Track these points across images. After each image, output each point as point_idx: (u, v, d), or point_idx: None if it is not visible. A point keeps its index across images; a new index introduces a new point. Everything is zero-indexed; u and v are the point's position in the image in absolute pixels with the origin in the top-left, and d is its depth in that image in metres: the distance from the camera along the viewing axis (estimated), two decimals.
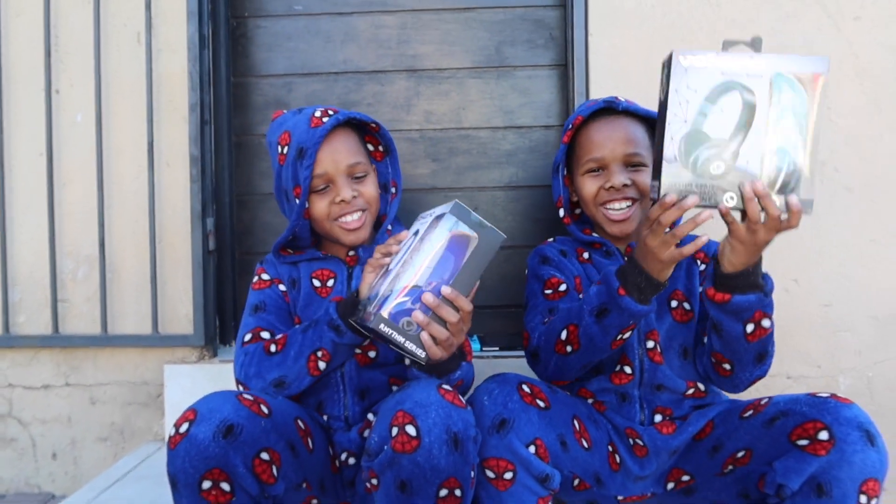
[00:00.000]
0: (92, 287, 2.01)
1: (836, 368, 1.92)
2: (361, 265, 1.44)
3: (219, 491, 1.11)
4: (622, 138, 1.41)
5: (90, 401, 2.02)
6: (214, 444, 1.09)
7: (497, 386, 1.22)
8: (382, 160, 1.54)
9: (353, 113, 1.43)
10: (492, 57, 2.07)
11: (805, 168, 1.12)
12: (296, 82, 2.09)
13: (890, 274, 1.91)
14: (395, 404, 1.12)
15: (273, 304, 1.43)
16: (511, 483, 1.17)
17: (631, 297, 1.19)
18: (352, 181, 1.40)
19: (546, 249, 1.51)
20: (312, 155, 1.34)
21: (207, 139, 2.00)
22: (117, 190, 2.01)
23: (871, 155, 1.90)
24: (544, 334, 1.33)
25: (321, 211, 1.40)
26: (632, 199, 1.41)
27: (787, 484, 1.16)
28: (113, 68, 2.00)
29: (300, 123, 1.38)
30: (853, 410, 1.16)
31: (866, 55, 1.90)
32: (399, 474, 1.09)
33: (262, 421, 1.17)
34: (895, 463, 1.88)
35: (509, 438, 1.16)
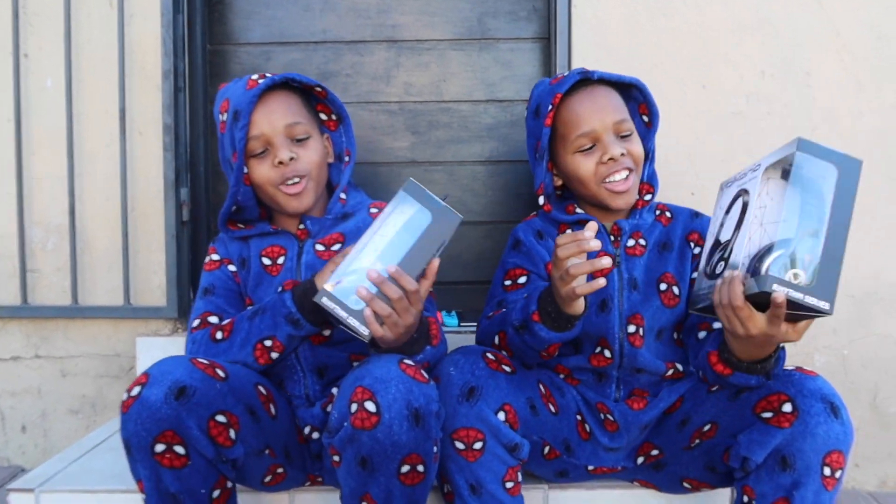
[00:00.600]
0: (62, 257, 1.97)
1: (812, 346, 1.93)
2: (313, 239, 1.38)
3: (173, 454, 1.09)
4: (608, 107, 1.35)
5: (61, 373, 1.99)
6: (166, 406, 1.07)
7: (462, 356, 1.22)
8: (336, 129, 1.47)
9: (292, 74, 1.37)
10: (473, 28, 2.03)
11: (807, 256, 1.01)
12: (274, 51, 2.05)
13: (868, 253, 1.91)
14: (354, 380, 1.10)
15: (222, 287, 1.39)
16: (481, 453, 1.16)
17: (543, 324, 1.18)
18: (291, 143, 1.34)
19: (521, 231, 1.46)
20: (247, 116, 1.29)
21: (182, 107, 1.95)
22: (88, 158, 1.96)
23: (851, 132, 1.90)
24: (486, 330, 1.34)
25: (261, 176, 1.33)
26: (628, 168, 1.34)
27: (751, 457, 1.15)
28: (84, 32, 1.95)
29: (238, 89, 1.33)
30: (817, 382, 1.15)
31: (848, 33, 1.89)
32: (359, 451, 1.09)
33: (217, 383, 1.14)
34: (866, 439, 1.91)
35: (479, 406, 1.15)
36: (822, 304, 1.00)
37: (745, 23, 1.90)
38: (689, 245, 1.40)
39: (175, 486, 1.11)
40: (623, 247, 1.38)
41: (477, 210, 2.06)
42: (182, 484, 1.11)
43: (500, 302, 1.38)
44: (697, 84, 1.91)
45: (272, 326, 1.25)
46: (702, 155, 1.91)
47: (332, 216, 1.40)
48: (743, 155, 1.91)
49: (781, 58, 1.90)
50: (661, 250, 1.39)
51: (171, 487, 1.11)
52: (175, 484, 1.11)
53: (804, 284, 1.00)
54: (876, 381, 1.92)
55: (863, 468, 1.93)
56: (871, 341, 1.92)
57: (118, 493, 1.43)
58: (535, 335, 1.19)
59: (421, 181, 2.02)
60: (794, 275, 1.01)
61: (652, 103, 1.41)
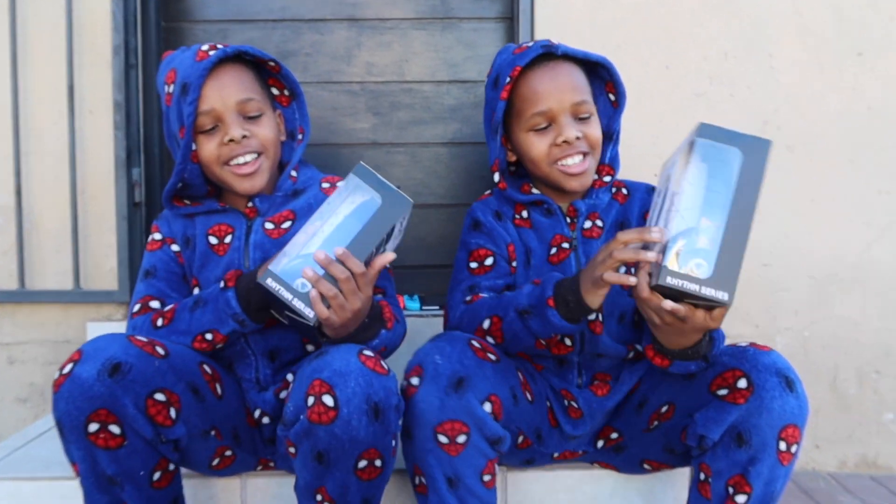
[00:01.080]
0: (8, 239, 1.89)
1: (774, 328, 1.93)
2: (262, 217, 1.31)
3: (108, 434, 1.04)
4: (568, 86, 1.27)
5: (8, 360, 1.92)
6: (99, 383, 1.02)
7: (447, 343, 1.15)
8: (289, 105, 1.40)
9: (245, 46, 1.28)
10: (437, 8, 2.00)
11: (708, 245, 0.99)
12: (231, 29, 1.99)
13: (828, 234, 1.92)
14: (311, 372, 1.06)
15: (164, 269, 1.32)
16: (464, 447, 1.11)
17: (557, 309, 1.14)
18: (244, 120, 1.25)
19: (479, 211, 1.39)
20: (196, 90, 1.21)
21: (133, 85, 1.89)
22: (35, 137, 1.89)
23: (813, 114, 1.91)
24: (466, 315, 1.27)
25: (210, 154, 1.25)
26: (583, 152, 1.28)
27: (708, 435, 1.14)
28: (30, 6, 1.87)
29: (186, 60, 1.25)
30: (772, 357, 1.14)
31: (809, 13, 1.89)
32: (316, 445, 1.05)
33: (155, 361, 1.09)
34: (826, 420, 1.92)
35: (467, 398, 1.10)
36: (719, 294, 0.98)
37: (709, 2, 1.89)
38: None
39: (112, 468, 1.06)
40: (580, 229, 1.34)
41: (440, 192, 2.02)
42: (119, 465, 1.06)
43: (471, 287, 1.32)
44: (661, 64, 1.90)
45: (215, 321, 1.19)
46: (665, 136, 1.90)
47: (282, 193, 1.33)
48: None
49: (744, 38, 1.90)
50: (619, 230, 1.35)
51: (107, 469, 1.06)
52: (112, 466, 1.06)
53: (703, 276, 0.98)
54: (835, 362, 1.93)
55: (822, 449, 1.95)
56: (831, 323, 1.93)
57: (61, 480, 1.37)
58: (547, 321, 1.15)
59: (382, 163, 2.03)
60: (695, 265, 0.99)
61: (619, 82, 1.35)
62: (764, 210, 1.91)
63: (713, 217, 1.00)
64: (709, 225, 1.00)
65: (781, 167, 1.91)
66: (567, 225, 1.34)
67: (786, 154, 1.91)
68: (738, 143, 1.01)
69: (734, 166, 1.01)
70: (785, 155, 1.91)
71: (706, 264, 0.98)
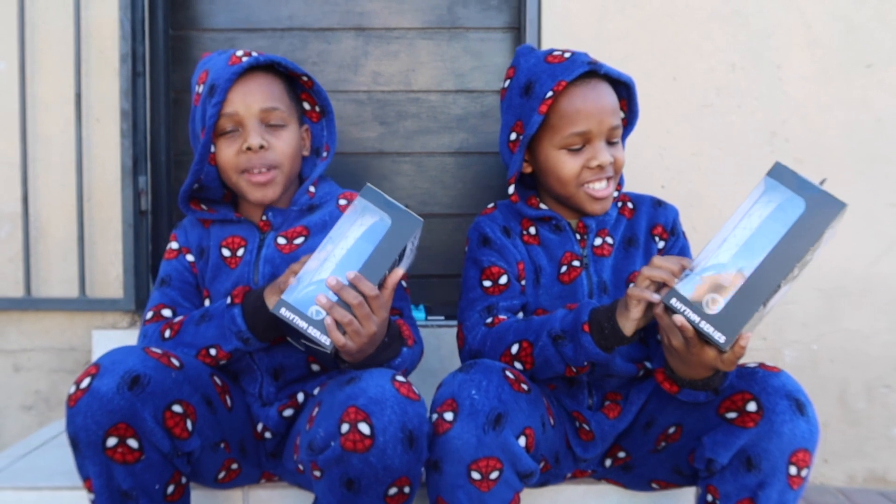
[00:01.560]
0: (15, 247, 1.90)
1: (782, 341, 1.92)
2: (275, 232, 1.30)
3: (125, 448, 1.03)
4: (609, 109, 1.23)
5: (13, 367, 1.92)
6: (119, 397, 1.01)
7: (482, 376, 1.10)
8: (318, 122, 1.38)
9: (279, 57, 1.27)
10: (443, 17, 2.00)
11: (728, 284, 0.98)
12: (238, 38, 2.00)
13: (836, 246, 1.88)
14: (346, 398, 1.03)
15: (178, 278, 1.32)
16: (495, 483, 1.08)
17: (591, 336, 1.12)
18: (265, 129, 1.24)
19: (486, 227, 1.34)
20: (223, 92, 1.21)
21: (140, 93, 1.90)
22: (43, 144, 1.89)
23: (822, 126, 1.89)
24: (489, 339, 1.23)
25: (227, 159, 1.24)
26: (609, 177, 1.25)
27: (716, 458, 1.12)
28: (39, 14, 1.88)
29: (220, 63, 1.25)
30: (781, 379, 1.11)
31: (818, 25, 1.88)
32: (347, 472, 1.02)
33: (172, 372, 1.09)
34: (834, 434, 1.90)
35: (505, 434, 1.06)
36: (716, 334, 0.97)
37: (716, 14, 1.89)
38: (653, 240, 1.33)
39: (127, 483, 1.05)
40: (590, 246, 1.31)
41: (446, 202, 2.02)
42: (135, 480, 1.05)
43: (488, 307, 1.28)
44: (668, 76, 1.89)
45: (219, 337, 1.18)
46: (672, 148, 1.89)
47: (298, 208, 1.32)
48: (713, 148, 1.90)
49: (752, 50, 1.89)
50: (628, 247, 1.33)
51: (123, 484, 1.05)
52: (128, 480, 1.05)
53: (710, 312, 0.97)
54: (844, 376, 1.91)
55: (831, 464, 1.93)
56: (840, 336, 1.91)
57: (64, 490, 1.37)
58: (581, 347, 1.13)
59: (389, 172, 2.03)
60: (710, 299, 0.98)
61: (635, 102, 1.32)
62: None
63: (747, 260, 0.98)
64: (739, 269, 0.98)
65: None
66: (577, 242, 1.31)
67: (794, 166, 1.86)
68: (805, 194, 0.97)
69: (792, 216, 0.97)
70: (793, 167, 1.87)
71: (720, 302, 0.97)
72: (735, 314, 0.97)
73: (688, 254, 1.35)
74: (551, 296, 1.30)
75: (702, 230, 1.75)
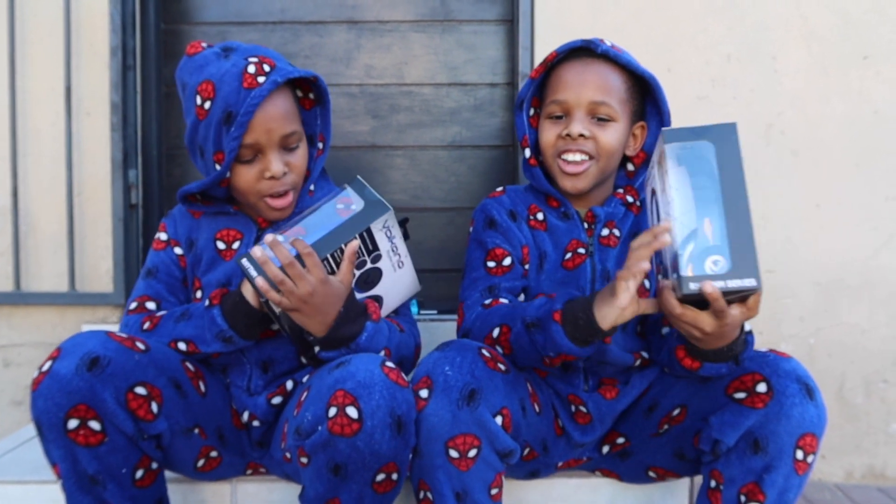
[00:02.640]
0: (5, 241, 1.88)
1: (779, 335, 1.90)
2: (274, 229, 1.25)
3: (88, 430, 1.02)
4: (592, 83, 1.24)
5: (3, 362, 1.90)
6: (78, 378, 1.00)
7: (457, 353, 1.10)
8: (311, 109, 1.32)
9: (294, 72, 1.19)
10: (436, 10, 1.99)
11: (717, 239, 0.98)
12: (230, 31, 1.99)
13: (833, 240, 1.89)
14: (334, 382, 1.02)
15: (165, 271, 1.30)
16: (474, 461, 1.07)
17: (564, 327, 1.09)
18: (283, 152, 1.21)
19: (493, 209, 1.34)
20: (243, 126, 1.14)
21: (131, 86, 1.89)
22: (33, 138, 1.88)
23: (818, 118, 1.88)
24: (479, 320, 1.22)
25: (247, 184, 1.20)
26: (588, 154, 1.24)
27: (723, 439, 1.11)
28: (28, 6, 1.87)
29: (228, 78, 1.15)
30: (792, 364, 1.11)
31: (815, 17, 1.87)
32: (334, 457, 1.01)
33: (135, 355, 1.07)
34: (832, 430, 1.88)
35: (480, 411, 1.06)
36: (746, 282, 0.96)
37: (712, 6, 1.87)
38: None
39: (93, 467, 1.04)
40: (597, 235, 1.30)
41: (439, 196, 2.00)
42: (100, 463, 1.04)
43: (490, 287, 1.27)
44: (663, 68, 1.87)
45: (196, 337, 1.17)
46: None
47: (299, 208, 1.29)
48: None
49: (748, 42, 1.87)
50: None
51: (88, 468, 1.04)
52: (93, 464, 1.04)
53: (723, 271, 0.96)
54: (842, 370, 1.90)
55: (829, 460, 1.91)
56: (838, 330, 1.89)
57: (49, 483, 1.35)
58: (551, 338, 1.10)
59: (381, 166, 2.01)
60: (712, 262, 0.97)
61: (662, 101, 1.30)
62: (768, 215, 1.88)
63: (710, 212, 0.98)
64: (709, 221, 0.98)
65: (786, 172, 1.88)
66: (584, 231, 1.30)
67: (790, 158, 1.88)
68: (705, 136, 1.01)
69: (710, 158, 1.00)
70: (790, 159, 1.88)
71: (722, 259, 0.96)
72: (744, 256, 0.96)
73: None
74: (554, 281, 1.28)
75: None
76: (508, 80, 1.99)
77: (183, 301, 1.31)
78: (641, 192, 1.36)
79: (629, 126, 1.29)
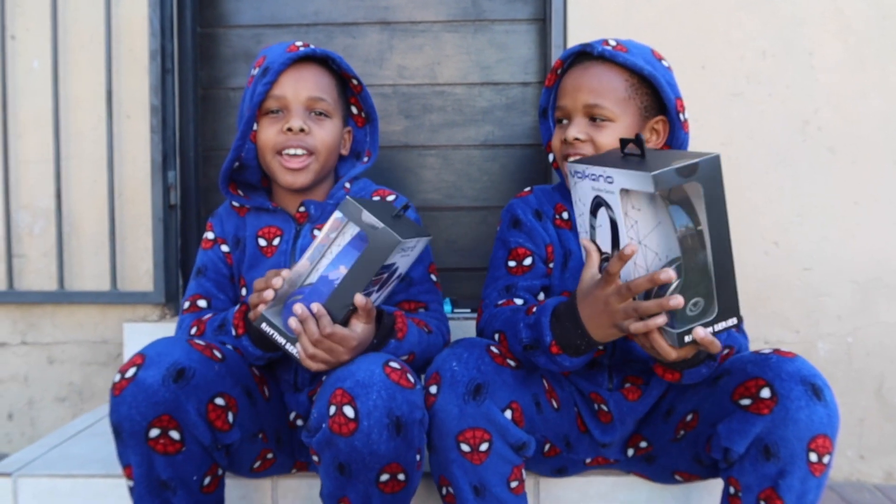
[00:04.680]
0: (49, 242, 1.94)
1: (815, 334, 1.87)
2: (311, 223, 1.32)
3: (167, 439, 1.05)
4: (586, 87, 1.25)
5: (48, 360, 1.96)
6: (164, 389, 1.03)
7: (465, 350, 1.13)
8: (362, 127, 1.43)
9: (334, 53, 1.32)
10: (468, 10, 1.99)
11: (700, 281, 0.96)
12: (265, 34, 2.01)
13: (871, 237, 1.86)
14: (335, 380, 1.04)
15: (213, 269, 1.35)
16: (487, 455, 1.09)
17: (566, 353, 1.09)
18: (308, 115, 1.28)
19: (519, 209, 1.36)
20: (275, 74, 1.25)
21: (169, 89, 1.92)
22: (75, 141, 1.93)
23: (855, 114, 1.85)
24: (488, 322, 1.25)
25: (267, 137, 1.27)
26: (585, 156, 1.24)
27: (732, 447, 1.09)
28: (71, 13, 1.92)
29: (278, 48, 1.30)
30: (796, 364, 1.08)
31: (851, 11, 1.84)
32: (337, 456, 1.03)
33: (215, 365, 1.10)
34: (871, 430, 1.85)
35: (486, 405, 1.07)
36: (730, 322, 0.97)
37: (746, 1, 1.85)
38: None
39: (167, 473, 1.07)
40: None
41: (471, 195, 2.01)
42: (175, 471, 1.07)
43: (508, 286, 1.30)
44: (696, 64, 1.86)
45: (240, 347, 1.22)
46: (701, 138, 1.86)
47: (334, 202, 1.34)
48: (743, 137, 1.86)
49: (783, 37, 1.85)
50: None
51: (162, 474, 1.07)
52: (167, 470, 1.07)
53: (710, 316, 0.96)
54: (881, 370, 1.87)
55: (868, 460, 1.88)
56: (876, 329, 1.86)
57: (97, 477, 1.39)
58: (555, 364, 1.11)
59: (414, 165, 2.03)
60: (693, 304, 0.97)
61: (667, 98, 1.27)
62: (805, 213, 1.86)
63: (668, 249, 0.97)
64: (667, 260, 0.97)
65: (822, 169, 1.86)
66: None
67: (827, 156, 1.86)
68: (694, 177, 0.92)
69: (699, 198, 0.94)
70: (826, 157, 1.86)
71: (702, 301, 0.97)
72: (727, 296, 0.96)
73: None
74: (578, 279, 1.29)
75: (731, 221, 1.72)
76: (540, 79, 1.99)
77: (232, 298, 1.35)
78: None
79: (637, 123, 1.28)
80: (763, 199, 1.87)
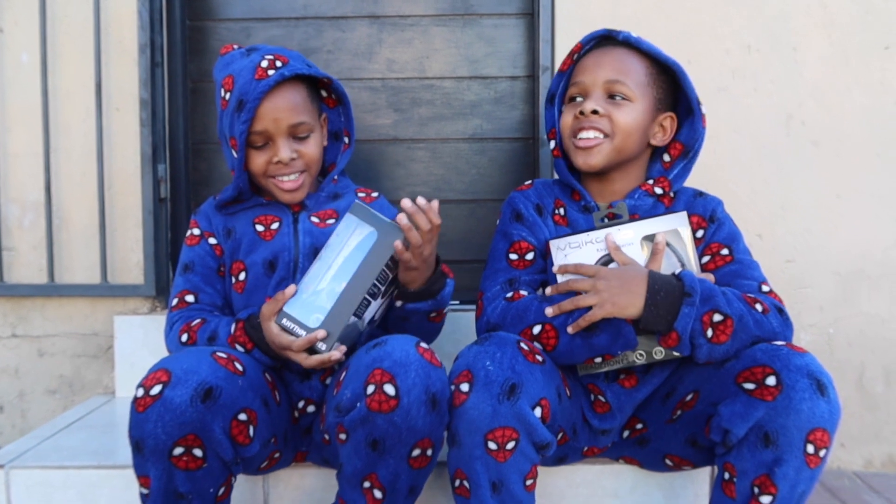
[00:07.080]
0: (38, 235, 1.94)
1: (798, 324, 1.90)
2: (308, 212, 1.38)
3: (191, 457, 1.06)
4: (609, 65, 1.29)
5: (38, 352, 1.96)
6: (192, 410, 1.04)
7: (497, 348, 1.13)
8: (335, 108, 1.45)
9: (302, 68, 1.32)
10: (457, 4, 2.00)
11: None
12: (254, 27, 2.02)
13: (854, 230, 1.89)
14: (371, 361, 1.07)
15: (200, 263, 1.37)
16: (511, 453, 1.11)
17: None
18: (293, 141, 1.32)
19: (520, 202, 1.39)
20: (251, 111, 1.26)
21: (159, 82, 1.92)
22: (64, 134, 1.93)
23: (839, 108, 1.88)
24: (509, 314, 1.25)
25: (258, 167, 1.32)
26: (602, 131, 1.29)
27: (733, 429, 1.11)
28: (60, 6, 1.91)
29: (245, 72, 1.28)
30: (805, 359, 1.10)
31: (835, 6, 1.87)
32: (372, 432, 1.06)
33: (238, 380, 1.12)
34: (851, 418, 1.89)
35: (520, 404, 1.09)
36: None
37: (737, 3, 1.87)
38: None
39: (185, 487, 1.08)
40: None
41: (460, 188, 2.03)
42: (194, 485, 1.09)
43: (510, 280, 1.31)
44: (682, 59, 1.82)
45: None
46: None
47: (326, 193, 1.42)
48: (729, 131, 1.89)
49: (768, 32, 1.88)
50: None
51: (180, 487, 1.08)
52: (186, 485, 1.08)
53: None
54: (862, 360, 1.90)
55: (848, 448, 1.92)
56: (858, 320, 1.90)
57: (89, 468, 1.40)
58: (623, 337, 1.20)
59: (403, 159, 2.04)
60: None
61: (688, 88, 1.33)
62: (788, 206, 1.89)
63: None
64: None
65: (806, 163, 1.88)
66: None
67: (811, 149, 1.89)
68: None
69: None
70: (810, 150, 1.89)
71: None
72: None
73: (736, 239, 1.34)
74: None
75: None
76: (529, 72, 2.00)
77: (219, 290, 1.37)
78: (675, 184, 1.38)
79: (651, 112, 1.32)
80: (748, 193, 1.90)
